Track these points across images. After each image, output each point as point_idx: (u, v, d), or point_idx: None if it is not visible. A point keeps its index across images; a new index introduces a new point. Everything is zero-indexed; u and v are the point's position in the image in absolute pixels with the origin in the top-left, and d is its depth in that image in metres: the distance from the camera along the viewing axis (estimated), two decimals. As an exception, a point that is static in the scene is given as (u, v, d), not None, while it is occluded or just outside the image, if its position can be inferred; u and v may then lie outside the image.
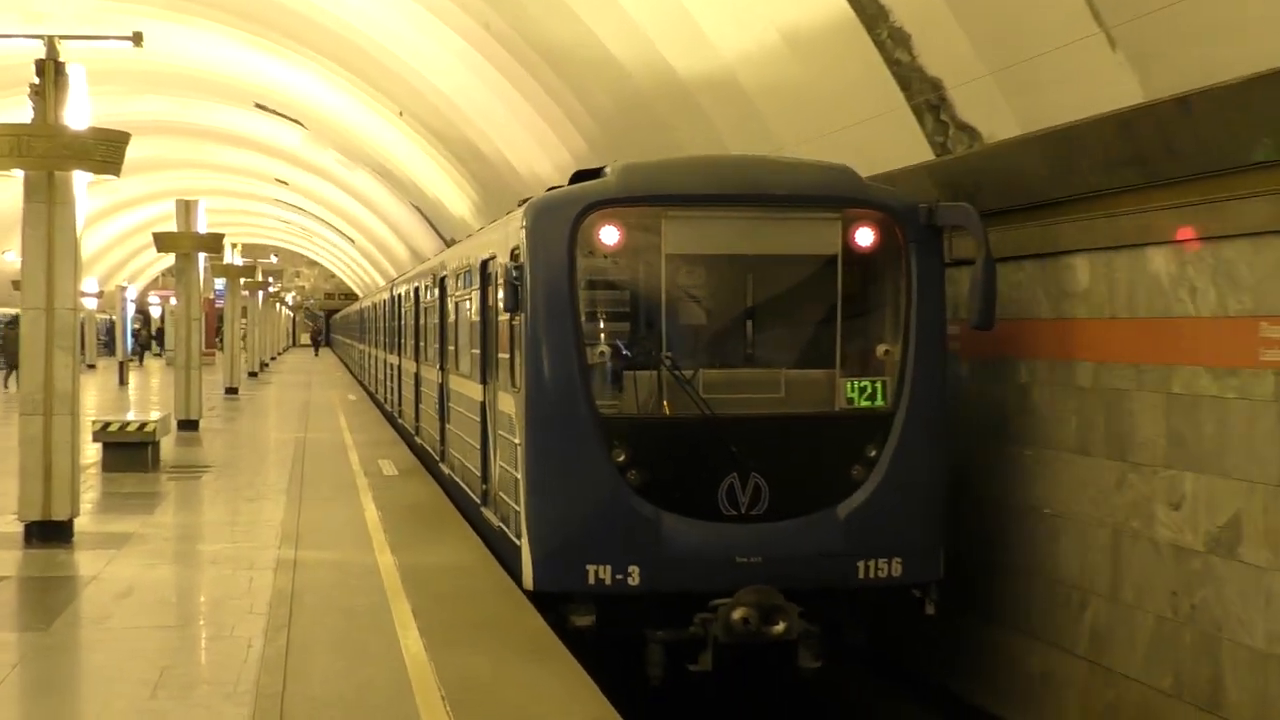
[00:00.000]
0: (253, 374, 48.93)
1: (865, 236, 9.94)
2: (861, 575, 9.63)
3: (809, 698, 11.39)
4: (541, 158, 22.92)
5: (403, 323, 23.99)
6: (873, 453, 9.75)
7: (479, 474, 12.79)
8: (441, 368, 16.59)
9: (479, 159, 26.82)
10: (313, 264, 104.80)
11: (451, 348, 15.73)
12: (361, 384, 43.68)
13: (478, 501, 12.88)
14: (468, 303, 14.01)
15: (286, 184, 51.45)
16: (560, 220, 9.73)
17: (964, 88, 10.51)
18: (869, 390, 9.88)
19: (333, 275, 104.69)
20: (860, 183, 10.18)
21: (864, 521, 9.63)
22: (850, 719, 11.46)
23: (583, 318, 9.73)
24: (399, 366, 25.03)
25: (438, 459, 16.89)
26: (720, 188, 9.95)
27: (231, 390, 37.29)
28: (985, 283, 9.38)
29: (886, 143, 11.81)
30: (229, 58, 29.15)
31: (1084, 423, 9.92)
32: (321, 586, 10.63)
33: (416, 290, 20.95)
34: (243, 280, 43.57)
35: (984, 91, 10.25)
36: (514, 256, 10.25)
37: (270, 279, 70.53)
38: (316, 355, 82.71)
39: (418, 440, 20.28)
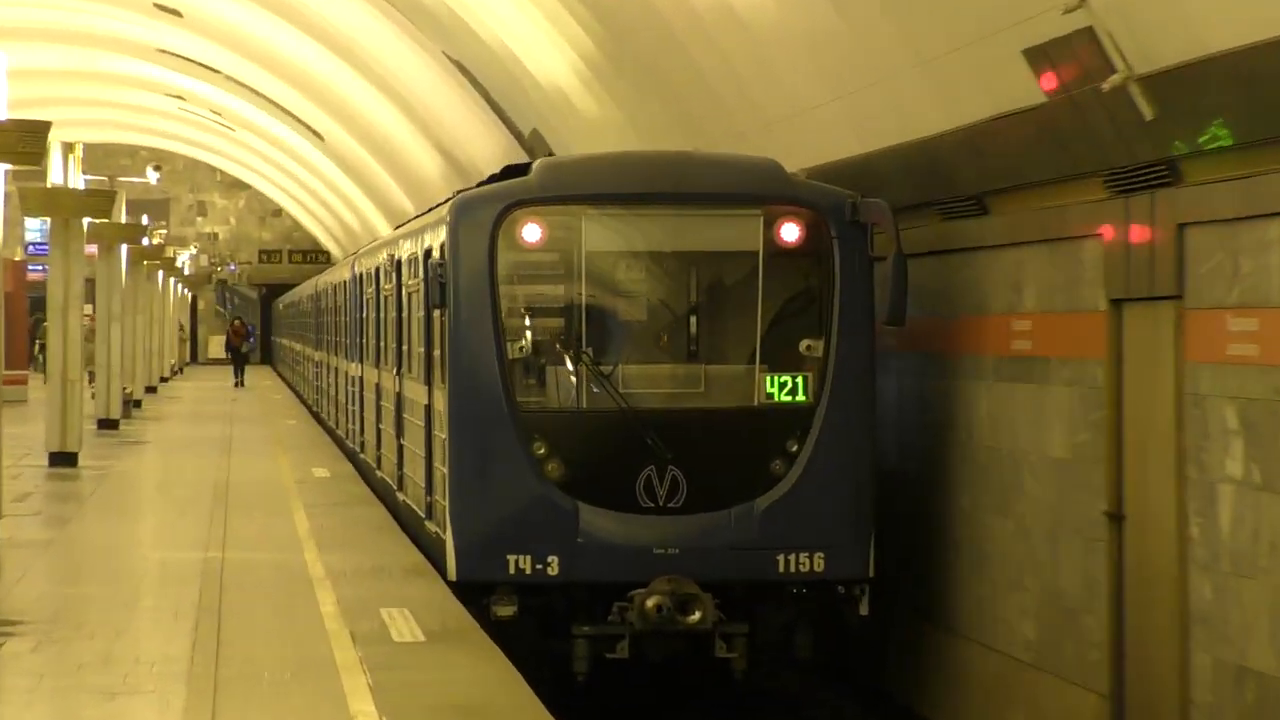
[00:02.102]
0: (108, 422, 49.54)
1: (789, 232, 21.20)
2: (781, 569, 20.73)
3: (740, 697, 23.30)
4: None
5: (364, 314, 36.20)
6: (793, 447, 21.04)
7: (424, 486, 24.04)
8: (398, 372, 28.95)
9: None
10: (236, 187, 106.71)
11: (405, 348, 27.95)
12: (333, 435, 44.05)
13: (423, 516, 24.06)
14: (415, 296, 25.60)
15: (180, 16, 52.12)
16: (482, 218, 21.13)
17: None
18: (790, 385, 20.90)
19: (278, 210, 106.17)
20: (785, 178, 21.53)
21: (783, 515, 20.74)
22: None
23: (504, 314, 21.37)
24: (360, 378, 36.93)
25: (395, 487, 28.90)
26: (641, 186, 21.51)
27: (64, 457, 37.94)
28: (896, 279, 20.02)
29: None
30: None
31: None
32: None
33: (377, 271, 32.40)
34: (87, 223, 43.82)
35: None
36: (441, 253, 21.63)
37: (146, 220, 71.28)
38: (240, 383, 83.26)
39: (379, 474, 32.33)
